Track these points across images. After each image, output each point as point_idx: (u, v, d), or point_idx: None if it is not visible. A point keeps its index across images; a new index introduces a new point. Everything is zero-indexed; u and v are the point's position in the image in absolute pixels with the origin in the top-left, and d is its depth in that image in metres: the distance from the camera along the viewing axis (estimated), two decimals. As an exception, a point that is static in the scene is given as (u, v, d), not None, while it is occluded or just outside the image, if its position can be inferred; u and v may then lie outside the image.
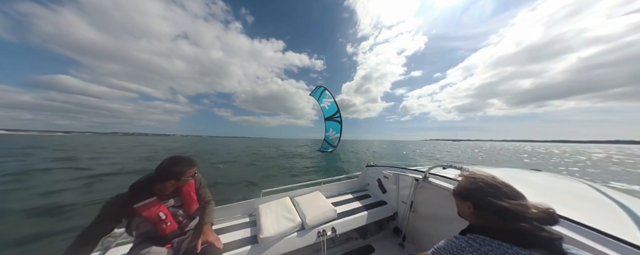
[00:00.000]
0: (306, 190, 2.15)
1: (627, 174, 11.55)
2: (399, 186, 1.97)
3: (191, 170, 1.06)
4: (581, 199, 1.16)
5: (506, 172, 1.92)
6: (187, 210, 1.11)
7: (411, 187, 1.74)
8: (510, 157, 20.96)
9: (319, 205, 1.72)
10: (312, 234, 1.51)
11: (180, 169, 1.00)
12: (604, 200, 1.11)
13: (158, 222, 0.96)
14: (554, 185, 1.45)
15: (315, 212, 1.62)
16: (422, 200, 1.68)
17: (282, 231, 1.41)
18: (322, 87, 4.10)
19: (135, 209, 0.91)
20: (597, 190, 1.29)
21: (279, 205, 1.73)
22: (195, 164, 1.10)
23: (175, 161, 1.01)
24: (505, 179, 0.54)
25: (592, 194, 1.21)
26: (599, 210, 1.00)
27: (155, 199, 0.97)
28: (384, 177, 2.17)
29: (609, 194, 1.19)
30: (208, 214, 1.18)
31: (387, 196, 2.12)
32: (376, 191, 2.28)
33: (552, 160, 17.77)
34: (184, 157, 1.06)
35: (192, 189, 1.15)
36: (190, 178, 1.08)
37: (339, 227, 1.62)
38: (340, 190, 2.39)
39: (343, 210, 1.83)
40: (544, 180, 1.61)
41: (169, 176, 0.97)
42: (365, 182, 2.52)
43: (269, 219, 1.52)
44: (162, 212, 0.97)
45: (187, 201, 1.11)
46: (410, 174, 1.83)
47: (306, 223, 1.52)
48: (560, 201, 1.09)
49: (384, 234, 2.00)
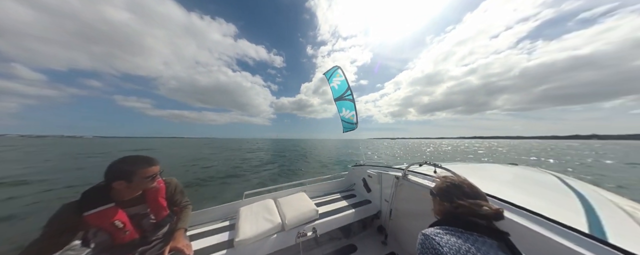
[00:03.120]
0: (291, 190, 2.17)
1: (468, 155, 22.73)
2: (381, 185, 2.01)
3: (147, 170, 0.91)
4: (545, 188, 1.40)
5: (486, 166, 2.20)
6: (155, 218, 1.01)
7: (393, 185, 1.78)
8: (416, 148, 34.56)
9: (301, 206, 1.72)
10: (291, 235, 1.50)
11: (130, 168, 0.87)
12: (564, 189, 1.32)
13: (114, 231, 0.86)
14: (525, 177, 1.72)
15: (296, 213, 1.62)
16: (402, 198, 1.73)
17: (260, 233, 1.40)
18: (337, 66, 2.87)
19: (84, 218, 0.80)
20: (562, 181, 1.54)
21: (260, 207, 1.72)
22: (156, 163, 0.96)
23: (127, 160, 0.88)
24: (484, 173, 1.07)
25: (556, 185, 1.45)
26: (557, 198, 1.19)
27: (113, 206, 0.87)
28: (368, 176, 2.21)
29: (571, 184, 1.44)
30: (182, 219, 1.14)
31: (372, 195, 2.16)
32: (361, 190, 2.33)
33: (427, 149, 33.90)
34: (141, 156, 0.93)
35: (160, 194, 1.04)
36: (150, 180, 0.93)
37: (321, 227, 1.63)
38: (327, 190, 2.45)
39: (326, 210, 1.87)
40: (518, 172, 1.88)
41: (116, 176, 0.85)
42: (352, 181, 2.59)
43: (248, 222, 1.50)
44: (119, 220, 0.87)
45: (153, 208, 1.01)
46: (392, 172, 1.89)
47: (285, 224, 1.52)
48: (525, 190, 1.37)
49: (368, 233, 2.03)
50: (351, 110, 2.92)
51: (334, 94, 3.15)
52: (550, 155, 21.96)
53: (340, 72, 3.05)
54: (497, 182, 1.53)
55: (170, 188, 1.12)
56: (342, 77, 3.05)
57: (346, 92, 3.02)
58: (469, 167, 2.13)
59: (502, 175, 1.77)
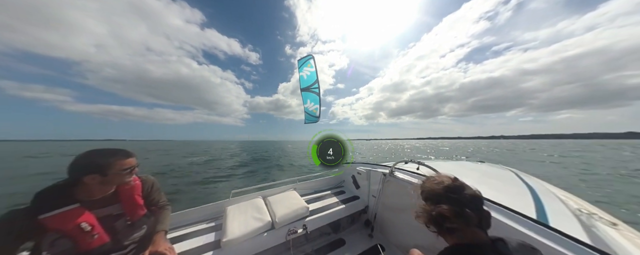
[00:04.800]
0: (281, 188, 2.16)
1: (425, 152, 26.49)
2: (370, 181, 2.08)
3: (123, 162, 0.81)
4: (505, 183, 1.63)
5: (457, 163, 2.45)
6: (130, 219, 0.88)
7: (380, 181, 1.85)
8: (393, 148, 40.49)
9: (291, 203, 1.73)
10: (281, 232, 1.50)
11: (105, 160, 0.77)
12: (519, 183, 1.57)
13: (79, 235, 0.72)
14: (490, 173, 1.92)
15: (287, 210, 1.62)
16: (388, 193, 1.82)
17: (249, 232, 1.37)
18: (311, 55, 2.79)
19: (40, 222, 0.67)
20: (517, 175, 1.80)
21: (249, 206, 1.69)
22: (132, 154, 0.86)
23: (98, 152, 0.78)
24: (456, 170, 1.21)
25: (513, 179, 1.70)
26: (514, 191, 1.41)
27: (78, 207, 0.75)
28: (357, 174, 2.26)
29: (523, 178, 1.71)
30: (161, 221, 1.01)
31: (360, 191, 2.25)
32: (351, 187, 2.41)
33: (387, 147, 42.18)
34: (113, 148, 0.83)
35: (136, 191, 0.92)
36: (128, 173, 0.84)
37: (312, 224, 1.66)
38: (317, 188, 2.46)
39: (317, 206, 1.90)
40: (485, 169, 2.09)
41: (88, 170, 0.73)
42: (341, 178, 2.63)
43: (237, 221, 1.46)
44: (86, 222, 0.74)
45: (128, 207, 0.89)
46: (380, 169, 1.98)
47: (276, 222, 1.51)
48: (490, 185, 1.50)
49: (356, 227, 2.10)
50: (316, 103, 2.89)
51: (301, 83, 3.04)
52: (481, 151, 30.55)
53: (312, 63, 2.95)
54: (470, 179, 1.69)
55: (147, 185, 1.00)
56: (312, 68, 2.96)
57: (314, 84, 2.94)
58: (448, 164, 2.32)
59: (472, 172, 1.96)
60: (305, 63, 2.99)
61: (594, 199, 5.01)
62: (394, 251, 1.72)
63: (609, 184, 7.25)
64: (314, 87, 2.85)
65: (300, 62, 3.06)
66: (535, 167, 11.38)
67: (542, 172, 9.58)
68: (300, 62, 3.07)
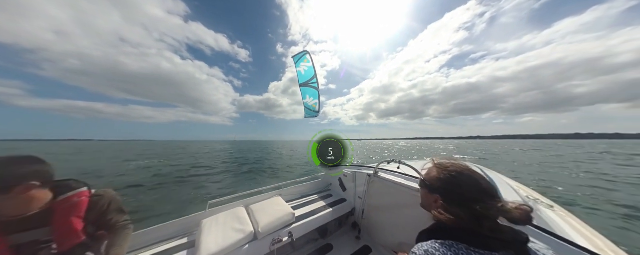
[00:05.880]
0: (266, 196, 2.03)
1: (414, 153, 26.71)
2: (356, 183, 2.09)
3: (34, 170, 0.62)
4: None
5: None
6: (60, 246, 0.67)
7: (366, 183, 1.88)
8: (377, 147, 43.14)
9: (276, 211, 1.63)
10: (265, 242, 1.40)
11: (11, 170, 0.57)
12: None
13: None
14: None
15: (271, 218, 1.51)
16: (373, 194, 1.83)
17: (227, 246, 1.23)
18: (306, 51, 2.77)
19: None
20: (482, 170, 1.62)
21: (228, 217, 1.55)
22: (42, 161, 0.66)
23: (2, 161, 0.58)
24: None
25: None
26: None
27: None
28: (343, 176, 2.28)
29: (487, 172, 1.60)
30: (118, 245, 0.81)
31: (347, 194, 2.24)
32: (338, 190, 2.39)
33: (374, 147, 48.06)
34: (19, 156, 0.61)
35: (76, 212, 0.70)
36: (34, 186, 0.61)
37: (298, 231, 1.60)
38: (304, 193, 2.39)
39: (304, 212, 1.83)
40: None
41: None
42: (328, 182, 2.61)
43: (213, 235, 1.31)
44: None
45: (61, 231, 0.67)
46: (365, 170, 1.98)
47: (259, 232, 1.40)
48: None
49: (344, 231, 2.08)
50: (315, 98, 2.92)
51: (299, 79, 3.05)
52: (461, 150, 35.80)
53: (308, 58, 2.96)
54: None
55: (101, 204, 0.79)
56: (309, 63, 2.97)
57: (312, 79, 2.97)
58: (424, 162, 2.43)
59: None
60: (302, 59, 3.00)
61: (542, 186, 6.71)
62: (381, 251, 1.74)
63: (554, 175, 8.97)
64: (312, 82, 2.88)
65: (296, 58, 3.07)
66: (506, 165, 12.93)
67: (508, 167, 11.46)
68: (295, 58, 3.08)
